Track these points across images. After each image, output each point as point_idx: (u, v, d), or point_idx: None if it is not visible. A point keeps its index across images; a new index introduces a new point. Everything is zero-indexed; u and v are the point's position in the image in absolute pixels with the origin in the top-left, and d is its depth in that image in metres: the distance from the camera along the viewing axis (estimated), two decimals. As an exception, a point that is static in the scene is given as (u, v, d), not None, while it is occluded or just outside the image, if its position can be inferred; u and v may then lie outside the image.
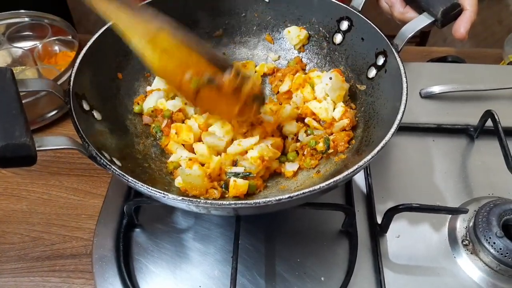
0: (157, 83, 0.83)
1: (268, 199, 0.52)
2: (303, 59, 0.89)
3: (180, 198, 0.54)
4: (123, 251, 0.72)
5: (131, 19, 0.65)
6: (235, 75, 0.66)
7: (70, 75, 0.67)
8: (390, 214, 0.72)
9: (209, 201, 0.53)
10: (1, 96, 0.53)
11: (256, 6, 0.89)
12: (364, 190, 0.81)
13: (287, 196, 0.53)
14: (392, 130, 0.59)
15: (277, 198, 0.53)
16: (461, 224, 0.76)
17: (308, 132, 0.77)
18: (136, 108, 0.80)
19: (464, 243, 0.74)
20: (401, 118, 0.61)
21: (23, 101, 0.55)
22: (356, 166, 0.56)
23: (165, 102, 0.79)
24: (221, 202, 0.53)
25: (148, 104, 0.79)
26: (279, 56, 0.91)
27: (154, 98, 0.79)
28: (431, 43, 1.91)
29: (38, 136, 0.53)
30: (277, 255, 0.73)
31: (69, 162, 0.90)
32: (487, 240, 0.70)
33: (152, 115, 0.79)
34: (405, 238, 0.75)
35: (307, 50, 0.89)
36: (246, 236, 0.74)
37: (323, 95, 0.79)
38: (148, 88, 0.83)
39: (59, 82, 0.91)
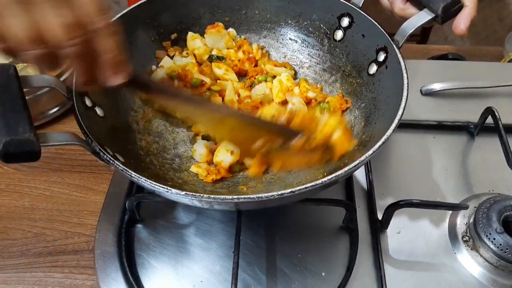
0: (164, 61, 0.84)
1: (270, 194, 0.53)
2: (303, 57, 0.90)
3: (183, 193, 0.54)
4: (125, 246, 0.73)
5: (195, 111, 0.67)
6: (307, 139, 0.66)
7: (73, 71, 0.67)
8: (390, 210, 0.72)
9: (212, 196, 0.53)
10: (4, 92, 0.54)
11: (257, 3, 0.89)
12: (365, 186, 0.82)
13: (289, 190, 0.53)
14: (393, 125, 0.60)
15: (279, 192, 0.53)
16: (461, 220, 0.76)
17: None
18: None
19: (464, 239, 0.74)
20: (402, 113, 0.61)
21: (25, 98, 0.55)
22: (357, 161, 0.56)
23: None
24: (224, 196, 0.53)
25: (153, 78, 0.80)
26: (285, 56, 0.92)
27: (158, 74, 0.81)
28: (432, 41, 1.91)
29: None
30: (278, 250, 0.73)
31: (71, 158, 0.90)
32: (487, 236, 0.70)
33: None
34: (405, 234, 0.76)
35: (307, 47, 0.89)
36: (247, 232, 0.74)
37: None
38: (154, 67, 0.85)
39: (60, 79, 0.91)
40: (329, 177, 0.55)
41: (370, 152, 0.57)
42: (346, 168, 0.56)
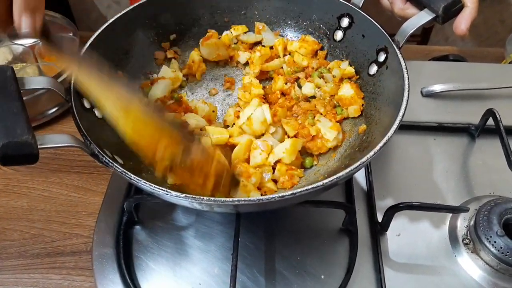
0: (164, 72, 0.83)
1: (271, 196, 0.52)
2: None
3: (183, 195, 0.53)
4: (123, 248, 0.72)
5: (103, 85, 0.64)
6: (199, 152, 0.65)
7: (71, 73, 0.67)
8: (390, 213, 0.71)
9: (212, 198, 0.53)
10: (2, 95, 0.53)
11: (256, 3, 0.89)
12: (365, 188, 0.81)
13: (290, 193, 0.53)
14: (394, 126, 0.59)
15: (280, 194, 0.52)
16: (462, 222, 0.76)
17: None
18: None
19: (464, 241, 0.73)
20: (403, 114, 0.61)
21: (23, 98, 0.55)
22: (358, 163, 0.56)
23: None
24: (224, 199, 0.53)
25: (154, 92, 0.80)
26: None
27: (160, 87, 0.80)
28: (433, 42, 1.90)
29: (39, 134, 0.53)
30: (277, 253, 0.73)
31: (69, 159, 0.90)
32: (487, 239, 0.70)
33: None
34: (405, 236, 0.75)
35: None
36: (246, 234, 0.74)
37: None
38: (155, 76, 0.84)
39: (59, 80, 0.91)
40: (330, 179, 0.54)
41: (371, 153, 0.57)
42: (347, 170, 0.55)
